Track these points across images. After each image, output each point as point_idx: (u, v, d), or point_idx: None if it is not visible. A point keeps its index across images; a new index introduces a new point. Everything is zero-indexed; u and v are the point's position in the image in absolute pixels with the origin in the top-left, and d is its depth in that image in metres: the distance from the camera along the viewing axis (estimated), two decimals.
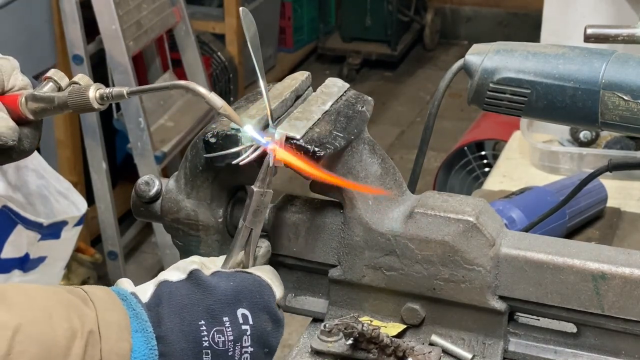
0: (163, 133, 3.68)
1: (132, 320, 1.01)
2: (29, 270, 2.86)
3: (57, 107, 1.18)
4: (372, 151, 1.19)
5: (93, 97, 1.15)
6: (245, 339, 1.06)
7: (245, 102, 1.20)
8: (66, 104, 1.17)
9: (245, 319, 1.06)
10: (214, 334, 1.04)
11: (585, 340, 1.17)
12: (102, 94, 1.15)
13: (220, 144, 1.12)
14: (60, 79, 1.20)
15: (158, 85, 1.18)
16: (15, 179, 2.78)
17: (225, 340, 1.05)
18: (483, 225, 1.15)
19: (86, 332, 0.97)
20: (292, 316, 1.28)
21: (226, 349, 1.05)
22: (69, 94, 1.16)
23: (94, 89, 1.15)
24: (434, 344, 1.20)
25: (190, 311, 1.04)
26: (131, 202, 1.27)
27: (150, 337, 1.01)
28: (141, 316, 1.02)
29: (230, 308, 1.06)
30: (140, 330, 1.01)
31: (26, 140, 1.21)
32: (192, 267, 1.08)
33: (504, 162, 2.47)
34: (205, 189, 1.20)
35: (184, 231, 1.23)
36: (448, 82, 1.30)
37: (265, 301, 1.08)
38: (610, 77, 1.18)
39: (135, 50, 3.53)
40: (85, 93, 1.15)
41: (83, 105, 1.16)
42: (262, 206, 1.12)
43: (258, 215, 1.12)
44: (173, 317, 1.03)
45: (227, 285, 1.07)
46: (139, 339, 1.01)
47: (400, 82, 5.66)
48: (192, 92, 1.10)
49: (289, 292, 1.27)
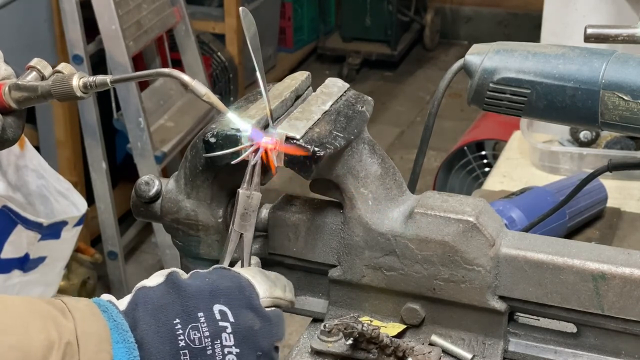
0: (163, 133, 3.68)
1: (113, 332, 0.99)
2: (29, 270, 2.86)
3: (40, 96, 1.18)
4: (372, 151, 1.19)
5: (76, 86, 1.16)
6: (226, 337, 1.03)
7: (245, 102, 1.20)
8: (50, 93, 1.17)
9: (224, 316, 1.03)
10: (189, 331, 1.02)
11: (585, 340, 1.17)
12: (86, 83, 1.15)
13: (220, 144, 1.12)
14: (44, 68, 1.20)
15: (142, 73, 1.18)
16: (15, 179, 2.78)
17: (201, 337, 1.02)
18: (483, 225, 1.15)
19: (63, 344, 0.95)
20: (292, 316, 1.27)
21: (203, 347, 1.02)
22: (53, 82, 1.17)
23: (77, 77, 1.16)
24: (434, 344, 1.20)
25: (165, 311, 1.02)
26: (131, 202, 1.27)
27: (132, 347, 1.00)
28: (122, 327, 1.00)
29: (205, 304, 1.03)
30: (122, 341, 0.99)
31: (9, 130, 1.21)
32: (170, 270, 1.07)
33: (504, 162, 2.47)
34: (205, 189, 1.20)
35: (183, 231, 1.23)
36: (448, 82, 1.30)
37: (247, 298, 1.05)
38: (610, 77, 1.18)
39: (135, 50, 3.53)
40: (68, 81, 1.16)
41: (67, 94, 1.16)
42: (249, 209, 1.10)
43: (247, 219, 1.11)
44: (148, 319, 1.01)
45: (202, 282, 1.05)
46: (120, 349, 0.99)
47: (400, 82, 5.66)
48: (176, 79, 1.11)
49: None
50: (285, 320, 1.10)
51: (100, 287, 3.74)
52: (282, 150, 1.10)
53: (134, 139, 3.47)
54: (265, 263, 1.26)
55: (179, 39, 3.89)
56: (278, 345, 1.09)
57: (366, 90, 5.21)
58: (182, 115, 3.81)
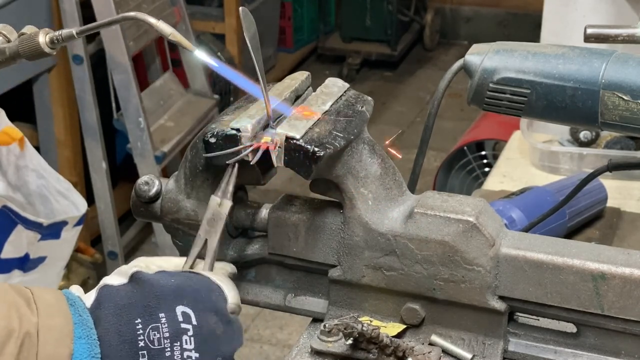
0: (163, 133, 3.68)
1: (77, 327, 0.99)
2: (29, 270, 2.86)
3: (9, 57, 1.20)
4: (372, 151, 1.19)
5: (43, 42, 1.17)
6: (187, 339, 1.01)
7: (245, 102, 1.20)
8: (18, 53, 1.19)
9: (187, 318, 1.01)
10: (149, 332, 1.00)
11: (585, 340, 1.17)
12: (52, 38, 1.18)
13: (220, 144, 1.12)
14: (9, 32, 1.23)
15: (107, 20, 1.21)
16: (15, 179, 2.78)
17: (161, 338, 1.00)
18: (483, 225, 1.15)
19: (23, 333, 0.95)
20: (292, 316, 1.27)
21: (162, 348, 1.00)
22: (19, 42, 1.19)
23: (43, 33, 1.18)
24: (434, 344, 1.20)
25: (128, 310, 1.01)
26: (131, 202, 1.27)
27: (94, 344, 0.99)
28: (87, 323, 0.99)
29: (168, 304, 1.02)
30: (85, 337, 0.99)
31: None
32: (133, 270, 1.05)
33: (504, 162, 2.47)
34: (205, 189, 1.20)
35: (184, 231, 1.23)
36: (447, 82, 1.30)
37: (213, 302, 1.04)
38: (610, 77, 1.18)
39: (135, 50, 3.53)
40: (35, 39, 1.18)
41: (34, 51, 1.18)
42: (217, 216, 1.09)
43: (213, 225, 1.10)
44: (110, 318, 1.00)
45: (167, 282, 1.03)
46: (81, 345, 0.98)
47: (400, 82, 5.66)
48: (142, 22, 1.12)
49: (288, 292, 1.27)
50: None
51: None
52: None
53: (134, 139, 3.47)
54: (265, 263, 1.26)
55: None
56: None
57: (366, 90, 5.21)
58: (182, 115, 3.81)
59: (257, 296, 1.28)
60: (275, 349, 3.44)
